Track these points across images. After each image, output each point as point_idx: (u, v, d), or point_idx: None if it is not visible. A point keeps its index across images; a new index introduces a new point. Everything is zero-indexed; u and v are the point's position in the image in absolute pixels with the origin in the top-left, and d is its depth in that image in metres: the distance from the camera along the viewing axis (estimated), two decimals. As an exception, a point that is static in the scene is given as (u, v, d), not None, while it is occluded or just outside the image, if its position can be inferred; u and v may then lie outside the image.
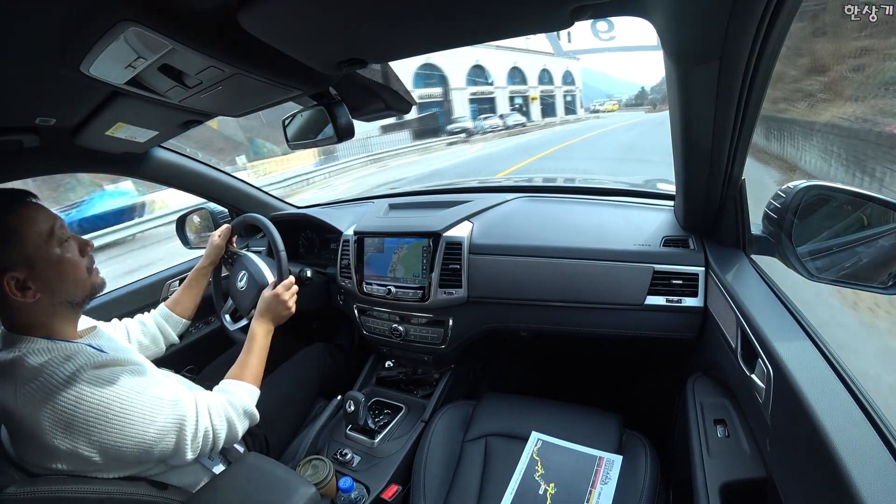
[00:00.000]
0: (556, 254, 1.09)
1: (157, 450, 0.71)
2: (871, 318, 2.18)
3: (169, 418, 0.71)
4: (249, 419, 0.87)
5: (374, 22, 0.58)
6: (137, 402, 0.68)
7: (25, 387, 0.62)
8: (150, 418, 0.69)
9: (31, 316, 0.70)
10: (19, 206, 0.69)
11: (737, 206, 0.87)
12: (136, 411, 0.67)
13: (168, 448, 0.72)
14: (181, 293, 1.16)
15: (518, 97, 27.86)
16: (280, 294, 1.05)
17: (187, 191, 1.44)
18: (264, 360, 0.98)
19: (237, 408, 0.84)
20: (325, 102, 0.91)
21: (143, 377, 0.72)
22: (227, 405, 0.82)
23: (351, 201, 1.73)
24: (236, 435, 0.82)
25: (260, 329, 1.00)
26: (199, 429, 0.75)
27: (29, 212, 0.70)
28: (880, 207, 0.71)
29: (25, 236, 0.68)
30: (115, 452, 0.67)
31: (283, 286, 1.07)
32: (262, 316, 1.03)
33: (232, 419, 0.81)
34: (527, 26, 0.61)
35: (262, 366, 0.96)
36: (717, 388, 0.86)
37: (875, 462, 0.42)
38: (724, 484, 0.67)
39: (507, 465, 0.97)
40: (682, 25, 0.51)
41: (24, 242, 0.68)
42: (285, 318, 1.07)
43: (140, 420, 0.68)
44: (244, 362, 0.94)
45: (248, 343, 0.98)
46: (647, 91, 46.64)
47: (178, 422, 0.72)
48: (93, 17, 0.50)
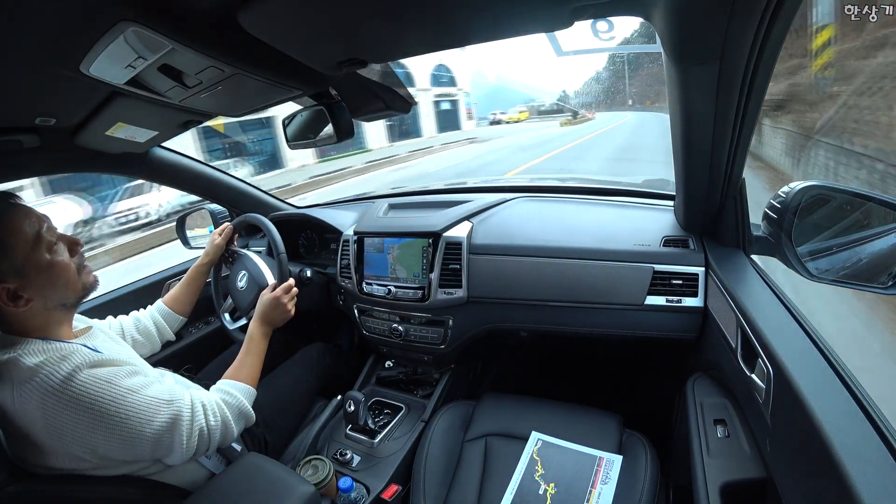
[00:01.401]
0: (556, 254, 1.09)
1: (152, 449, 0.71)
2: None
3: (164, 418, 0.71)
4: (245, 419, 0.87)
5: (374, 22, 0.58)
6: (133, 402, 0.68)
7: (22, 387, 0.62)
8: (147, 418, 0.69)
9: (25, 322, 0.69)
10: (3, 212, 0.67)
11: (737, 206, 0.87)
12: (132, 411, 0.67)
13: (163, 447, 0.72)
14: (179, 290, 1.16)
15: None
16: (279, 297, 1.05)
17: (187, 191, 1.44)
18: (262, 361, 0.98)
19: (233, 408, 0.84)
20: (325, 102, 0.91)
21: (139, 377, 0.72)
22: (222, 405, 0.82)
23: (351, 201, 1.73)
24: (232, 435, 0.82)
25: (258, 330, 1.00)
26: (195, 428, 0.75)
27: (14, 218, 0.68)
28: (880, 207, 0.71)
29: (13, 246, 0.66)
30: (110, 452, 0.67)
31: (283, 289, 1.07)
32: (260, 317, 1.03)
33: (227, 419, 0.81)
34: (527, 26, 0.61)
35: (259, 366, 0.96)
36: (717, 388, 0.86)
37: (875, 462, 0.42)
38: (724, 484, 0.67)
39: (507, 465, 0.97)
40: (682, 25, 0.51)
41: (13, 252, 0.66)
42: (284, 320, 1.07)
43: (136, 420, 0.67)
44: (242, 362, 0.94)
45: (247, 344, 0.98)
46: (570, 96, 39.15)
47: (174, 421, 0.72)
48: (93, 17, 0.50)
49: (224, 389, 0.86)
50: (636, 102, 25.09)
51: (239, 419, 0.85)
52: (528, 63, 74.72)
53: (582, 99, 34.85)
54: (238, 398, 0.86)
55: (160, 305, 1.12)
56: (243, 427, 0.87)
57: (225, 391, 0.86)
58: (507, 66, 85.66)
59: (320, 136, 0.97)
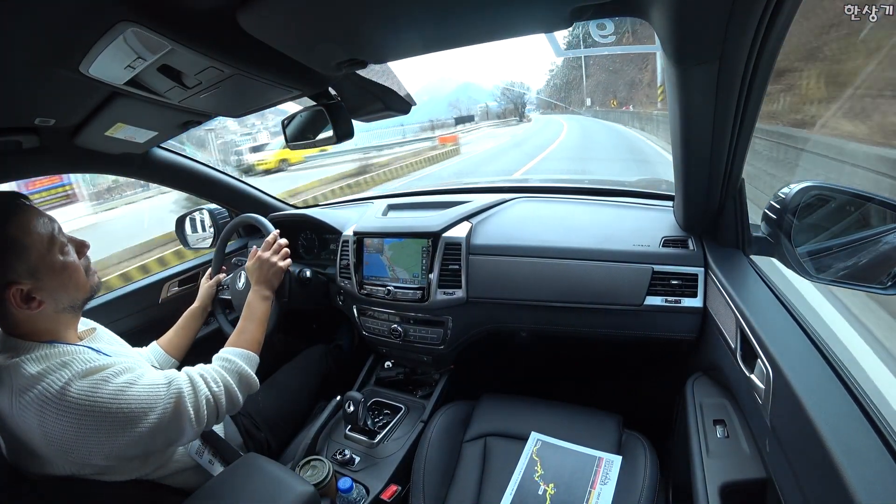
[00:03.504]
0: (555, 254, 1.09)
1: (165, 434, 0.69)
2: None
3: (167, 399, 0.70)
4: (248, 384, 0.85)
5: (374, 22, 0.58)
6: (131, 394, 0.67)
7: (21, 397, 0.61)
8: (149, 405, 0.67)
9: (35, 325, 0.69)
10: (16, 212, 0.67)
11: (736, 206, 0.87)
12: (134, 403, 0.66)
13: (174, 429, 0.70)
14: (174, 334, 1.14)
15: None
16: (262, 254, 1.03)
17: (187, 191, 1.44)
18: (263, 327, 0.97)
19: (233, 373, 0.82)
20: (325, 103, 0.91)
21: (134, 371, 0.71)
22: (221, 371, 0.81)
23: (351, 202, 1.73)
24: (237, 400, 0.81)
25: (254, 295, 0.99)
26: (200, 399, 0.74)
27: (29, 219, 0.67)
28: (880, 207, 0.71)
29: (28, 246, 0.66)
30: (122, 451, 0.66)
31: (266, 244, 1.05)
32: (255, 284, 1.02)
33: (229, 384, 0.80)
34: (527, 26, 0.61)
35: (260, 332, 0.95)
36: (717, 389, 0.86)
37: (874, 462, 0.42)
38: (724, 484, 0.67)
39: (507, 465, 0.97)
40: (682, 25, 0.51)
41: (28, 252, 0.65)
42: (278, 275, 1.05)
43: (139, 410, 0.66)
44: (241, 329, 0.93)
45: (245, 310, 0.97)
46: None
47: (177, 399, 0.71)
48: (92, 18, 0.50)
49: (222, 357, 0.85)
50: (595, 103, 23.04)
51: (241, 383, 0.83)
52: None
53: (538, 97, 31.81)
54: (236, 363, 0.84)
55: (155, 347, 1.10)
56: (247, 392, 0.85)
57: (223, 358, 0.85)
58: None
59: (319, 137, 0.97)
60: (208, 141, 14.16)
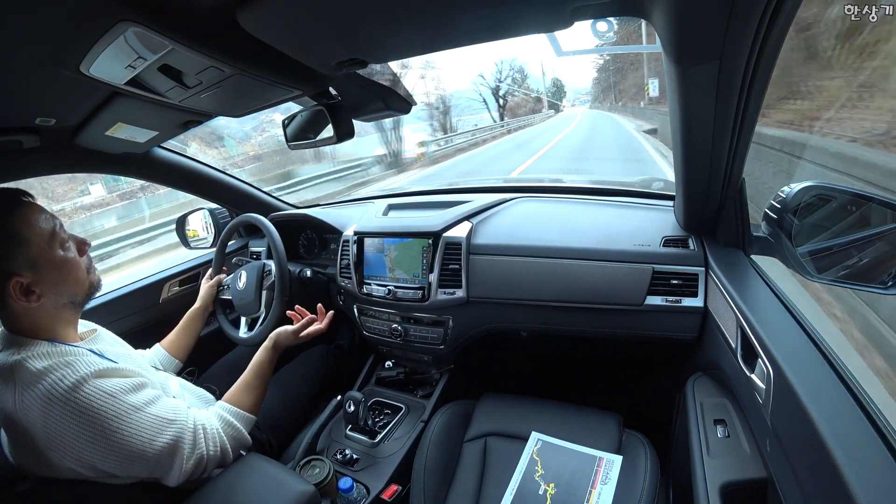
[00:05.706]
0: (555, 254, 1.09)
1: (151, 469, 0.69)
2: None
3: (166, 439, 0.69)
4: (241, 445, 0.85)
5: (374, 22, 0.58)
6: (136, 420, 0.67)
7: (25, 393, 0.61)
8: (148, 438, 0.67)
9: (34, 319, 0.69)
10: (19, 207, 0.68)
11: (737, 206, 0.87)
12: (134, 430, 0.66)
13: (162, 468, 0.70)
14: (176, 335, 1.15)
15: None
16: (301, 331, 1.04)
17: (187, 191, 1.44)
18: (267, 385, 0.96)
19: (232, 439, 0.82)
20: (325, 103, 0.91)
21: (144, 392, 0.71)
22: (223, 434, 0.80)
23: (351, 201, 1.73)
24: (228, 460, 0.81)
25: (269, 355, 0.98)
26: (194, 454, 0.73)
27: (31, 213, 0.69)
28: (881, 207, 0.71)
29: (29, 239, 0.67)
30: (109, 468, 0.66)
31: (303, 324, 1.05)
32: (276, 345, 1.00)
33: (226, 448, 0.79)
34: (527, 26, 0.61)
35: (264, 392, 0.94)
36: (717, 388, 0.86)
37: (874, 463, 0.42)
38: (724, 484, 0.67)
39: (507, 465, 0.97)
40: (682, 25, 0.51)
41: (29, 245, 0.67)
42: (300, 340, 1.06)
43: (137, 439, 0.66)
44: (249, 386, 0.92)
45: (256, 368, 0.95)
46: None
47: (175, 444, 0.70)
48: (93, 17, 0.50)
49: (226, 419, 0.84)
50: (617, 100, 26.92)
51: (237, 448, 0.83)
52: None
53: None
54: (238, 429, 0.84)
55: (158, 349, 1.11)
56: (237, 452, 0.84)
57: (227, 421, 0.83)
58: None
59: (320, 137, 0.98)
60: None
